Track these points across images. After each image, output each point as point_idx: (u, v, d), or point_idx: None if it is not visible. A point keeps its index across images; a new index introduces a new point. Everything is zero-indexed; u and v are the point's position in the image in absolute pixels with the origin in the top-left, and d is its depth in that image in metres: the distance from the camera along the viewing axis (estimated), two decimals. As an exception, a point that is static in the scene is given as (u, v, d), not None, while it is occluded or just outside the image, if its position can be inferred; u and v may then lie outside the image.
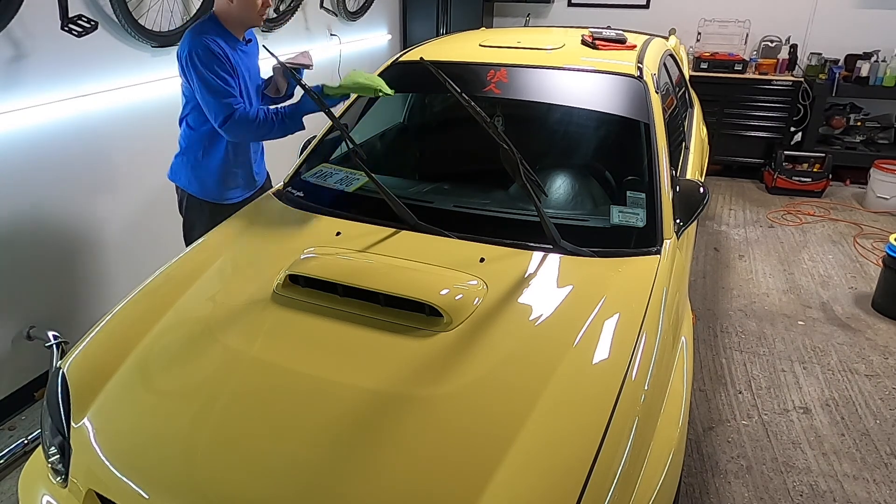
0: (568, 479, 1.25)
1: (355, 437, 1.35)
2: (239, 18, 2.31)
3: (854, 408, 2.63)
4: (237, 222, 2.17)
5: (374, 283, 1.66)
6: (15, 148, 2.37)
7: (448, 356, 1.50)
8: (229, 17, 2.30)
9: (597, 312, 1.62)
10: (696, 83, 4.59)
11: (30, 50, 2.36)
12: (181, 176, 2.49)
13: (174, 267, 1.96)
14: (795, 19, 5.22)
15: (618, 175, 2.34)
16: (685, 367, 1.70)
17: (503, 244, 1.89)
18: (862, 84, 4.96)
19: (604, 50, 2.67)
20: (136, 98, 2.86)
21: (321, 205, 2.19)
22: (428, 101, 3.24)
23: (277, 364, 1.54)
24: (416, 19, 5.60)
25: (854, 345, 3.06)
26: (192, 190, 2.49)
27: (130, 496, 1.35)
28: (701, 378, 2.79)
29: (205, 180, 2.46)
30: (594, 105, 2.39)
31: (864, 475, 2.29)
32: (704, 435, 2.46)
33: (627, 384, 1.42)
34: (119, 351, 1.63)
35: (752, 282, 3.66)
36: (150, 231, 3.06)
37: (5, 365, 2.52)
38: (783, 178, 5.04)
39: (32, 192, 2.48)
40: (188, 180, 2.47)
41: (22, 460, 2.29)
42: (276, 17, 3.75)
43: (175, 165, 2.51)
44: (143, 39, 2.76)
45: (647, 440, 1.40)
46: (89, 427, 1.48)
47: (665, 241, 1.93)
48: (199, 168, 2.44)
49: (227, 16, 2.30)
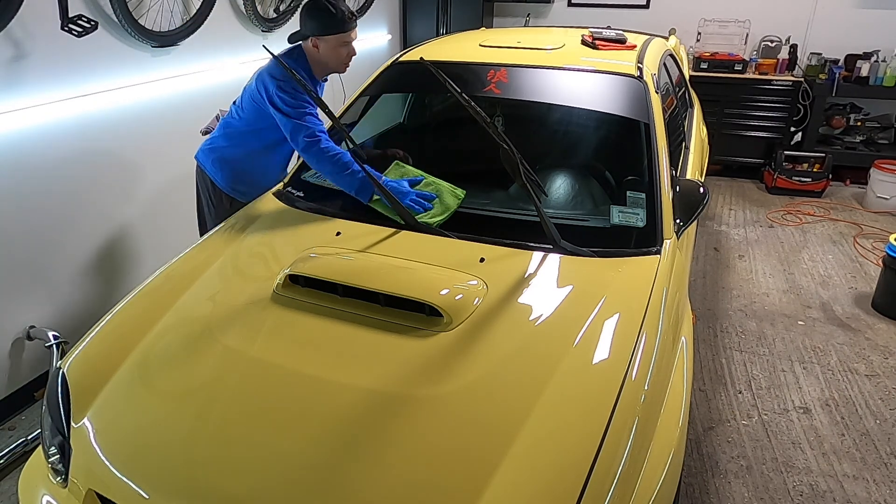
0: (568, 478, 1.25)
1: (355, 437, 1.35)
2: (327, 60, 2.38)
3: (854, 408, 2.63)
4: (237, 222, 2.17)
5: (374, 283, 1.66)
6: (15, 148, 2.37)
7: (448, 356, 1.50)
8: (312, 59, 2.38)
9: (597, 312, 1.62)
10: (696, 83, 4.58)
11: (30, 50, 2.36)
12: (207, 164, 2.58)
13: (174, 267, 1.96)
14: (795, 19, 5.21)
15: (618, 175, 2.34)
16: (685, 367, 1.70)
17: (503, 244, 1.89)
18: (862, 84, 4.96)
19: (604, 50, 2.67)
20: (137, 98, 2.86)
21: (321, 205, 2.19)
22: (428, 101, 3.24)
23: (277, 364, 1.54)
24: (416, 19, 5.60)
25: (854, 345, 3.06)
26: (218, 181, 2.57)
27: (130, 496, 1.35)
28: (701, 378, 2.79)
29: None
30: (594, 105, 2.39)
31: (864, 475, 2.29)
32: (704, 435, 2.46)
33: (627, 384, 1.42)
34: (119, 351, 1.63)
35: (752, 282, 3.66)
36: (150, 230, 3.06)
37: (5, 365, 2.52)
38: (783, 178, 5.04)
39: (32, 192, 2.48)
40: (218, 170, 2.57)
41: (22, 460, 2.28)
42: (276, 17, 3.75)
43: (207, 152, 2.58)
44: (143, 39, 2.76)
45: (647, 440, 1.40)
46: (89, 427, 1.48)
47: (665, 241, 1.93)
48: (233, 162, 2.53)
49: (311, 57, 2.38)
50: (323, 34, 2.32)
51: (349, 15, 2.34)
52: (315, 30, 2.31)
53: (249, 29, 3.58)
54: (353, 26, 2.36)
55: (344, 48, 2.38)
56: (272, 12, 3.73)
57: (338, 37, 2.33)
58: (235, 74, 3.39)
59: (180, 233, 3.10)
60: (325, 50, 2.35)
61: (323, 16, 2.29)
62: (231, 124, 2.50)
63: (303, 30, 2.34)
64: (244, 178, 2.54)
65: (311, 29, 2.32)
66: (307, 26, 2.32)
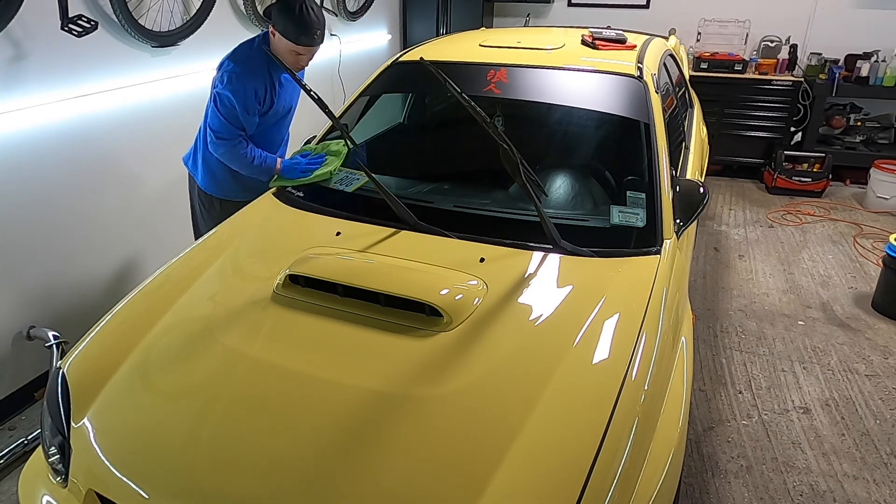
0: (568, 478, 1.25)
1: (355, 437, 1.35)
2: (277, 54, 2.31)
3: (854, 408, 2.63)
4: (237, 222, 2.17)
5: (375, 283, 1.66)
6: (15, 148, 2.37)
7: (448, 356, 1.50)
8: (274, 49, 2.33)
9: (597, 312, 1.62)
10: (696, 83, 4.58)
11: (30, 50, 2.36)
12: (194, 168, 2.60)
13: (174, 267, 1.96)
14: (795, 19, 5.21)
15: (618, 175, 2.34)
16: (685, 367, 1.70)
17: (503, 244, 1.89)
18: (862, 84, 4.95)
19: (604, 50, 2.67)
20: (136, 98, 2.86)
21: (321, 205, 2.19)
22: (428, 101, 3.24)
23: (277, 364, 1.54)
24: (416, 19, 5.60)
25: (854, 345, 3.06)
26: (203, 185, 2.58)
27: (130, 496, 1.35)
28: (701, 378, 2.79)
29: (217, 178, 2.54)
30: (594, 105, 2.39)
31: (864, 475, 2.29)
32: (704, 435, 2.46)
33: (627, 384, 1.42)
34: (119, 351, 1.63)
35: (752, 282, 3.66)
36: (150, 230, 3.06)
37: (5, 365, 2.51)
38: (783, 178, 5.04)
39: (32, 192, 2.48)
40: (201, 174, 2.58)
41: (22, 460, 2.29)
42: (276, 17, 3.75)
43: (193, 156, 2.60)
44: (143, 39, 2.76)
45: (647, 440, 1.40)
46: (89, 427, 1.48)
47: (665, 241, 1.93)
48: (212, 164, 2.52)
49: (272, 47, 2.34)
50: (279, 33, 2.27)
51: (316, 31, 2.27)
52: (275, 23, 2.27)
53: (249, 29, 3.57)
54: (313, 43, 2.30)
55: (295, 56, 2.32)
56: (272, 12, 3.72)
57: (291, 44, 2.28)
58: (235, 74, 3.38)
59: (180, 233, 3.10)
60: (277, 45, 2.31)
61: (288, 16, 2.24)
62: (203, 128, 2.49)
63: (271, 12, 2.29)
64: (225, 176, 2.51)
65: (273, 18, 2.28)
66: (273, 14, 2.28)
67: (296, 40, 2.27)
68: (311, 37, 2.28)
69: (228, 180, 2.51)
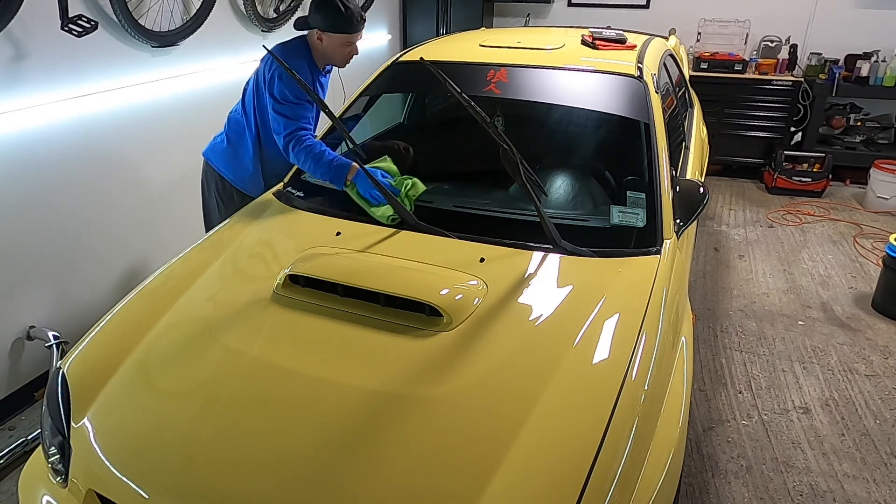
0: (568, 478, 1.25)
1: (355, 437, 1.35)
2: (328, 54, 2.41)
3: (854, 408, 2.63)
4: (237, 222, 2.17)
5: (374, 283, 1.66)
6: (15, 148, 2.37)
7: (448, 356, 1.50)
8: (315, 50, 2.40)
9: (597, 312, 1.62)
10: (696, 83, 4.58)
11: (30, 50, 2.36)
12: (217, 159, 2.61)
13: (174, 267, 1.96)
14: (795, 19, 5.21)
15: (618, 175, 2.34)
16: (685, 367, 1.70)
17: (503, 244, 1.89)
18: (862, 84, 4.95)
19: (604, 50, 2.66)
20: (136, 98, 2.86)
21: (321, 205, 2.19)
22: (428, 101, 3.24)
23: (277, 364, 1.54)
24: (416, 19, 5.60)
25: (854, 345, 3.06)
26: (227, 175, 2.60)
27: (130, 496, 1.35)
28: (701, 378, 2.79)
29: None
30: (594, 105, 2.39)
31: (864, 475, 2.29)
32: (704, 435, 2.46)
33: (627, 384, 1.42)
34: (119, 351, 1.63)
35: (752, 282, 3.66)
36: (150, 230, 3.06)
37: (5, 365, 2.51)
38: (783, 178, 5.04)
39: (32, 192, 2.48)
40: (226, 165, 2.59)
41: (22, 460, 2.28)
42: (276, 16, 3.75)
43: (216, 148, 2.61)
44: (143, 39, 2.76)
45: (647, 440, 1.40)
46: (89, 427, 1.48)
47: (665, 241, 1.93)
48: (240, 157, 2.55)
49: (314, 47, 2.40)
50: (328, 31, 2.32)
51: (359, 17, 2.35)
52: (322, 24, 2.32)
53: (249, 29, 3.58)
54: (360, 28, 2.37)
55: (347, 47, 2.39)
56: (272, 12, 3.73)
57: (343, 36, 2.34)
58: (235, 74, 3.38)
59: (180, 232, 3.10)
60: (328, 45, 2.36)
61: (332, 12, 2.29)
62: (237, 120, 2.52)
63: (310, 20, 2.34)
64: (253, 171, 2.55)
65: (317, 22, 2.32)
66: (315, 18, 2.33)
67: (348, 30, 2.33)
68: (361, 22, 2.36)
69: (259, 176, 2.54)
